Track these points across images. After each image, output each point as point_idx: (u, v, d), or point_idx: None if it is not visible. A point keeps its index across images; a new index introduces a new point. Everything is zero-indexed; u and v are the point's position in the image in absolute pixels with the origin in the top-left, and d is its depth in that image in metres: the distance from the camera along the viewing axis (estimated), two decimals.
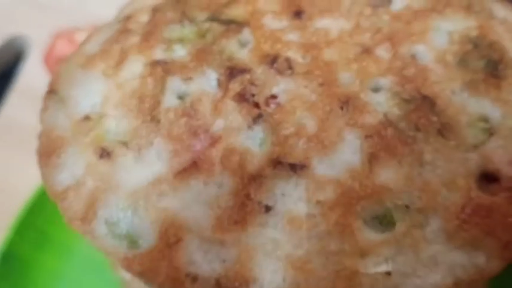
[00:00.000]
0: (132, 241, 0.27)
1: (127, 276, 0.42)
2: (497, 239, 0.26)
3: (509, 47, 0.32)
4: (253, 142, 0.28)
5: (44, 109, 0.33)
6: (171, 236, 0.26)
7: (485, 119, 0.29)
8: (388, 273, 0.25)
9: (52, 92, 0.33)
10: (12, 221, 0.62)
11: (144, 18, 0.34)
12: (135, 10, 0.35)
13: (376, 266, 0.25)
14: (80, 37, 0.65)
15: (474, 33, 0.32)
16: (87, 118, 0.30)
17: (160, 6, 0.34)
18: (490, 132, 0.28)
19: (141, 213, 0.27)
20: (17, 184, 0.71)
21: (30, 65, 0.80)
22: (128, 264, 0.26)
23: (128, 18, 0.35)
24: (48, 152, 0.30)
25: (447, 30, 0.32)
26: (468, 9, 0.33)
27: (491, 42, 0.31)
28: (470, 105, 0.29)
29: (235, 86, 0.29)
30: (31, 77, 0.79)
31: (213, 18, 0.33)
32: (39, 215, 0.62)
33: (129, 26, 0.34)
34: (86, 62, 0.33)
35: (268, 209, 0.26)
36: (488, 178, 0.27)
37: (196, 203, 0.27)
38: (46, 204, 0.62)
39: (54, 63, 0.67)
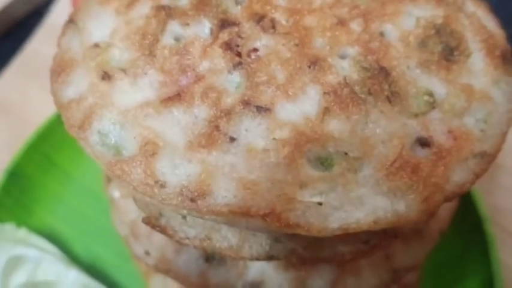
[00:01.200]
0: (117, 150, 0.32)
1: (116, 194, 0.47)
2: (418, 193, 0.31)
3: (469, 37, 0.36)
4: (231, 84, 0.33)
5: (62, 35, 0.38)
6: (148, 149, 0.31)
7: (430, 94, 0.34)
8: (320, 204, 0.30)
9: (71, 21, 0.38)
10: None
11: None
12: None
13: (311, 197, 0.30)
14: None
15: (439, 21, 0.36)
16: (96, 45, 0.35)
17: None
18: (433, 106, 0.33)
19: (128, 128, 0.32)
20: (34, 113, 0.77)
21: (60, 4, 0.85)
22: (111, 167, 0.32)
23: None
24: (60, 70, 0.35)
25: (416, 16, 0.36)
26: (440, 0, 0.37)
27: (452, 30, 0.36)
28: (420, 80, 0.34)
29: (224, 36, 0.34)
30: (60, 16, 0.84)
31: None
32: (47, 142, 0.68)
33: None
34: (103, 1, 0.38)
35: (232, 139, 0.31)
36: (421, 143, 0.32)
37: (174, 126, 0.32)
38: (54, 133, 0.69)
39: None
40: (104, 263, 0.66)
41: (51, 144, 0.69)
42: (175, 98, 0.33)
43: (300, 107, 0.32)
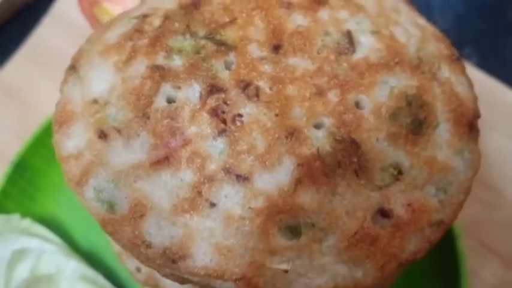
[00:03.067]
0: (110, 207, 0.36)
1: (117, 248, 0.51)
2: (375, 262, 0.35)
3: (438, 108, 0.39)
4: (215, 150, 0.37)
5: (64, 81, 0.41)
6: (137, 211, 0.35)
7: (395, 167, 0.37)
8: (286, 271, 0.34)
9: (73, 68, 0.42)
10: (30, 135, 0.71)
11: (157, 22, 0.42)
12: (152, 10, 0.43)
13: (279, 264, 0.34)
14: None
15: (412, 91, 0.39)
16: (95, 101, 0.39)
17: (171, 14, 0.42)
18: (396, 178, 0.37)
19: (120, 188, 0.36)
20: (40, 100, 0.80)
21: None
22: (104, 224, 0.36)
23: (144, 17, 0.43)
24: (61, 121, 0.39)
25: (391, 86, 0.39)
26: (416, 68, 0.40)
27: (423, 102, 0.39)
28: (387, 153, 0.37)
29: (211, 102, 0.38)
30: (66, 5, 0.87)
31: (209, 37, 0.40)
32: (51, 135, 0.72)
33: (143, 27, 0.42)
34: (103, 51, 0.41)
35: (212, 205, 0.35)
36: (383, 214, 0.36)
37: (162, 189, 0.36)
38: None
39: (88, 4, 0.74)
40: (103, 251, 0.71)
41: None
42: (164, 161, 0.36)
43: (275, 178, 0.35)
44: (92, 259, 0.70)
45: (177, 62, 0.39)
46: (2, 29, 0.89)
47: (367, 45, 0.40)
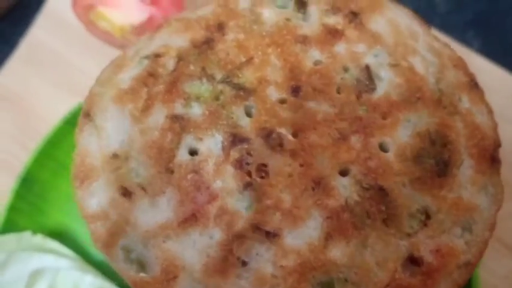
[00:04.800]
0: (140, 267, 0.36)
1: None
2: None
3: (461, 144, 0.39)
4: (242, 205, 0.36)
5: (80, 130, 0.41)
6: (169, 272, 0.35)
7: (422, 213, 0.37)
8: None
9: (87, 116, 0.41)
10: (33, 149, 0.70)
11: (170, 64, 0.41)
12: (163, 48, 0.42)
13: None
14: None
15: (434, 129, 0.39)
16: (115, 156, 0.38)
17: (184, 54, 0.41)
18: (424, 223, 0.37)
19: (150, 248, 0.36)
20: (38, 104, 0.79)
21: None
22: (135, 284, 0.36)
23: (156, 56, 0.41)
24: (82, 177, 0.38)
25: (413, 124, 0.39)
26: (437, 103, 0.40)
27: (446, 141, 0.39)
28: (414, 198, 0.37)
29: (235, 153, 0.37)
30: (59, 4, 0.84)
31: (227, 80, 0.39)
32: (57, 147, 0.71)
33: (156, 69, 0.41)
34: (117, 97, 0.40)
35: (244, 264, 0.35)
36: (412, 262, 0.36)
37: (191, 248, 0.36)
38: (64, 138, 0.71)
39: (82, 10, 0.72)
40: None
41: (61, 149, 0.72)
42: (191, 219, 0.36)
43: (305, 233, 0.35)
44: (105, 269, 0.70)
45: (196, 110, 0.39)
46: None
47: (387, 81, 0.40)
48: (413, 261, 0.36)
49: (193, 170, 0.37)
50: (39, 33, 0.82)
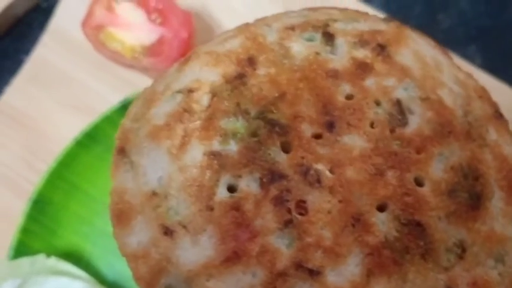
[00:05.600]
0: None
1: None
2: None
3: (492, 177, 0.40)
4: (283, 243, 0.37)
5: (115, 167, 0.41)
6: None
7: (458, 246, 0.38)
8: None
9: (122, 152, 0.41)
10: (46, 163, 0.70)
11: (205, 100, 0.41)
12: (195, 83, 0.42)
13: None
14: (119, 7, 0.70)
15: (466, 162, 0.40)
16: (154, 194, 0.39)
17: (218, 90, 0.41)
18: (460, 256, 0.38)
19: (193, 287, 0.37)
20: (45, 123, 0.79)
21: (64, 7, 0.84)
22: None
23: (189, 92, 0.42)
24: (121, 215, 0.39)
25: (446, 157, 0.40)
26: (467, 136, 0.41)
27: (478, 174, 0.40)
28: (450, 232, 0.38)
29: (274, 190, 0.38)
30: (64, 21, 0.84)
31: (262, 116, 0.40)
32: (69, 168, 0.72)
33: (191, 105, 0.41)
34: (152, 133, 0.41)
35: None
36: None
37: (235, 287, 0.36)
38: (75, 159, 0.72)
39: (91, 30, 0.72)
40: (130, 281, 0.71)
41: (72, 170, 0.72)
42: (234, 258, 0.36)
43: (347, 270, 0.36)
44: None
45: (233, 148, 0.39)
46: None
47: (419, 114, 0.41)
48: None
49: (233, 207, 0.37)
50: (44, 52, 0.82)
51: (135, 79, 0.79)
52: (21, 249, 0.69)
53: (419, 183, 0.39)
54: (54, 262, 0.68)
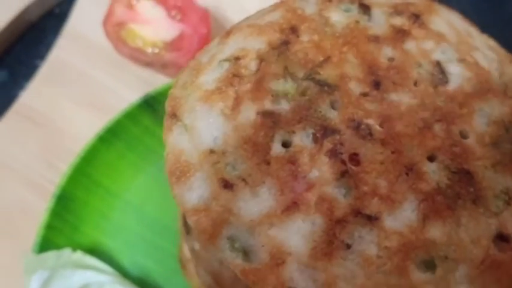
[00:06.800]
0: (245, 255, 0.38)
1: (196, 246, 0.53)
2: (502, 284, 0.38)
3: None
4: (340, 192, 0.38)
5: (168, 130, 0.42)
6: (277, 258, 0.37)
7: (505, 192, 0.40)
8: None
9: (174, 116, 0.42)
10: (66, 167, 0.71)
11: (253, 65, 0.43)
12: (241, 51, 0.44)
13: None
14: (139, 5, 0.72)
15: (507, 118, 0.42)
16: (212, 152, 0.40)
17: (264, 56, 0.43)
18: (508, 203, 0.39)
19: (256, 237, 0.37)
20: (63, 123, 0.80)
21: (80, 9, 0.86)
22: (245, 274, 0.37)
23: (236, 59, 0.43)
24: (179, 173, 0.40)
25: (487, 114, 0.42)
26: (504, 94, 0.43)
27: None
28: (497, 180, 0.40)
29: (327, 144, 0.39)
30: (80, 22, 0.85)
31: (310, 78, 0.42)
32: (90, 164, 0.72)
33: (239, 71, 0.42)
34: (204, 97, 0.42)
35: (348, 246, 0.37)
36: (502, 238, 0.39)
37: (296, 234, 0.37)
38: (96, 155, 0.72)
39: (112, 28, 0.74)
40: (152, 275, 0.72)
41: (94, 166, 0.73)
42: (293, 207, 0.38)
43: (403, 215, 0.37)
44: (142, 284, 0.71)
45: (285, 106, 0.40)
46: (8, 51, 0.87)
47: (458, 75, 0.42)
48: (502, 238, 0.38)
49: (289, 161, 0.39)
50: (60, 53, 0.84)
51: (152, 78, 0.81)
52: (46, 245, 0.69)
53: (464, 135, 0.40)
54: (79, 256, 0.68)
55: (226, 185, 0.38)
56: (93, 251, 0.72)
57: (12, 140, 0.79)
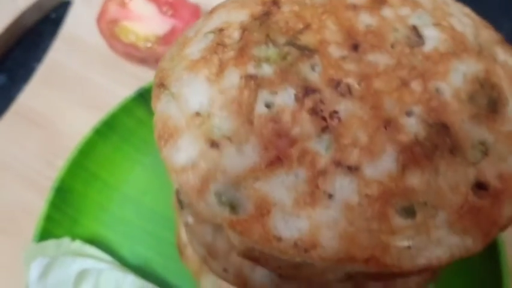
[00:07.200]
0: (232, 209, 0.39)
1: (190, 220, 0.54)
2: (481, 230, 0.39)
3: (506, 88, 0.44)
4: (321, 147, 0.40)
5: (156, 99, 0.44)
6: (262, 209, 0.38)
7: (483, 143, 0.41)
8: (409, 247, 0.38)
9: (162, 86, 0.44)
10: (64, 161, 0.72)
11: (236, 34, 0.45)
12: (225, 24, 0.46)
13: (401, 241, 0.38)
14: (131, 3, 0.74)
15: (481, 75, 0.43)
16: (198, 114, 0.41)
17: (247, 26, 0.45)
18: (485, 153, 0.41)
19: (242, 190, 0.39)
20: (61, 123, 0.81)
21: (75, 13, 0.88)
22: (232, 225, 0.38)
23: (220, 30, 0.45)
24: (167, 136, 0.41)
25: (462, 72, 0.43)
26: (479, 54, 0.45)
27: (493, 84, 0.43)
28: (473, 132, 0.41)
29: (308, 102, 0.41)
30: (75, 25, 0.88)
31: (291, 43, 0.43)
32: (88, 157, 0.74)
33: (223, 40, 0.44)
34: (190, 66, 0.44)
35: (330, 196, 0.38)
36: (480, 187, 0.40)
37: (280, 187, 0.39)
38: (93, 149, 0.74)
39: (106, 25, 0.76)
40: (152, 264, 0.73)
41: (91, 159, 0.75)
42: (277, 162, 0.39)
43: (383, 165, 0.39)
44: (142, 274, 0.72)
45: (267, 70, 0.42)
46: (7, 55, 0.89)
47: (433, 37, 0.44)
48: (480, 186, 0.40)
49: (272, 119, 0.40)
50: (57, 56, 0.86)
51: (146, 75, 0.83)
52: (45, 237, 0.71)
53: (440, 92, 0.42)
54: (78, 245, 0.69)
55: (213, 144, 0.40)
56: (93, 242, 0.73)
57: (11, 139, 0.81)
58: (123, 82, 0.82)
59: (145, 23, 0.75)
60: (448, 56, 0.43)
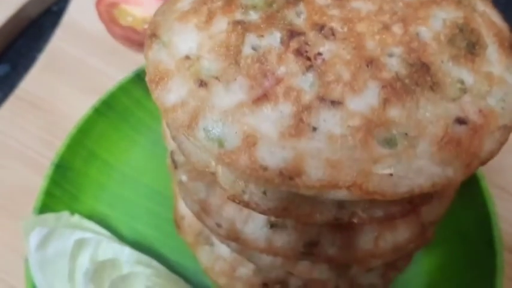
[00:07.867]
0: (220, 143, 0.40)
1: (184, 178, 0.55)
2: (462, 161, 0.40)
3: (484, 34, 0.45)
4: (306, 84, 0.41)
5: (148, 48, 0.45)
6: (250, 141, 0.40)
7: (462, 82, 0.42)
8: (391, 175, 0.39)
9: (154, 36, 0.46)
10: (64, 139, 0.74)
11: None
12: None
13: (383, 169, 0.39)
14: None
15: (461, 21, 0.45)
16: (187, 57, 0.43)
17: None
18: (464, 91, 0.42)
19: (229, 125, 0.40)
20: (63, 107, 0.83)
21: (75, 4, 0.91)
22: (221, 157, 0.40)
23: None
24: (158, 79, 0.43)
25: (442, 18, 0.45)
26: (458, 3, 0.46)
27: (472, 29, 0.45)
28: (453, 71, 0.43)
29: (294, 44, 0.43)
30: (76, 14, 0.90)
31: None
32: (88, 136, 0.76)
33: None
34: (180, 17, 0.46)
35: (314, 129, 0.40)
36: (460, 121, 0.41)
37: (266, 121, 0.40)
38: (93, 128, 0.76)
39: (105, 8, 0.78)
40: (149, 240, 0.74)
41: (91, 138, 0.77)
42: (263, 98, 0.41)
43: (365, 99, 0.40)
44: (139, 248, 0.73)
45: (254, 16, 0.44)
46: (10, 46, 0.92)
47: None
48: (460, 121, 0.41)
49: (259, 60, 0.42)
50: (58, 43, 0.88)
51: (144, 60, 0.84)
52: (45, 212, 0.72)
53: (421, 35, 0.44)
54: (78, 219, 0.71)
55: (201, 83, 0.42)
56: (92, 218, 0.74)
57: (15, 123, 0.83)
58: (123, 68, 0.84)
59: (143, 6, 0.77)
60: (428, 3, 0.45)
